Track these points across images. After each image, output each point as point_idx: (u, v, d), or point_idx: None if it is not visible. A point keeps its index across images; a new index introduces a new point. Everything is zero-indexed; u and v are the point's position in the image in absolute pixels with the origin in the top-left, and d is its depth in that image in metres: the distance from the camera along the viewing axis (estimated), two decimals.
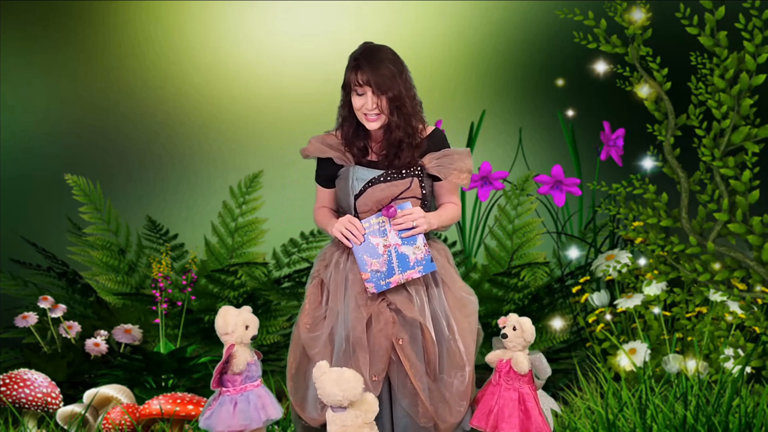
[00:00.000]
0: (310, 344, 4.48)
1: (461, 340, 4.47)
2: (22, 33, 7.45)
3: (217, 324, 4.37)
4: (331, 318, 4.48)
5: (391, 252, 4.40)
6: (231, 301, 6.62)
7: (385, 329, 4.43)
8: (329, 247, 4.61)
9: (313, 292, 4.57)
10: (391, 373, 4.45)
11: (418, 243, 4.41)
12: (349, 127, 4.53)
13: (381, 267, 4.41)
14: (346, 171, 4.53)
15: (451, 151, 4.54)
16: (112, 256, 6.81)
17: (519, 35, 7.53)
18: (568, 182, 6.33)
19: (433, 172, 4.51)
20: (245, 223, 6.92)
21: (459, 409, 4.46)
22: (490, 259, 6.77)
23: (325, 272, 4.56)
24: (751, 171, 5.75)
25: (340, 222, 4.46)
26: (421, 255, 4.41)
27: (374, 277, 4.40)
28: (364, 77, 4.42)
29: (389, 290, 4.44)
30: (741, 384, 5.11)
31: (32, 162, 7.42)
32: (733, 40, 5.76)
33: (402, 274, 4.40)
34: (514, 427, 4.42)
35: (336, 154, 4.53)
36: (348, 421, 4.23)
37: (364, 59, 4.43)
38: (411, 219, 4.41)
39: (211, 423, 4.35)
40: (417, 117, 4.50)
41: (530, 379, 4.50)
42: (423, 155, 4.51)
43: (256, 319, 4.39)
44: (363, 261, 4.41)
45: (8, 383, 5.27)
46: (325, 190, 4.63)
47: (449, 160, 4.52)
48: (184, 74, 7.55)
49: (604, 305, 6.06)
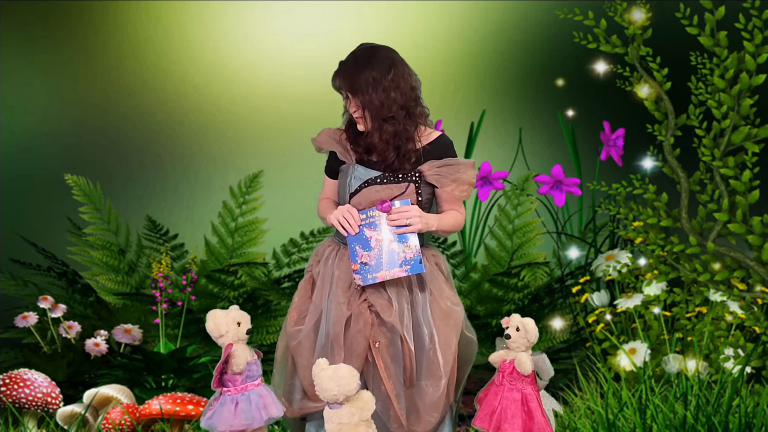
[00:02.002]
0: (292, 337, 4.51)
1: (440, 351, 4.44)
2: (22, 33, 7.45)
3: (209, 329, 4.37)
4: (314, 313, 4.50)
5: (382, 247, 4.41)
6: (231, 301, 6.62)
7: (363, 330, 4.43)
8: (324, 243, 4.63)
9: (303, 286, 4.59)
10: (367, 375, 4.45)
11: (409, 242, 4.40)
12: (351, 126, 4.55)
13: (371, 260, 4.41)
14: (346, 168, 4.54)
15: (454, 161, 4.49)
16: (112, 256, 6.82)
17: (519, 35, 7.53)
18: (568, 182, 6.33)
19: (431, 180, 4.48)
20: (245, 223, 6.93)
21: (429, 419, 4.43)
22: (490, 259, 6.77)
23: (317, 267, 4.58)
24: (751, 171, 5.75)
25: (339, 210, 4.46)
26: (410, 255, 4.40)
27: (362, 270, 4.41)
28: (336, 83, 4.45)
29: (371, 292, 4.44)
30: (741, 384, 5.11)
31: (32, 162, 7.42)
32: (733, 40, 5.76)
33: (388, 271, 4.40)
34: (517, 428, 4.42)
35: (339, 149, 4.55)
36: (344, 418, 4.24)
37: (345, 64, 4.45)
38: (406, 216, 4.40)
39: (212, 423, 4.35)
40: (402, 120, 4.44)
41: (533, 379, 4.49)
42: (423, 160, 4.49)
43: (246, 315, 4.39)
44: (355, 252, 4.42)
45: (8, 383, 5.26)
46: (330, 181, 4.64)
47: (450, 170, 4.48)
48: (184, 74, 7.55)
49: (604, 305, 6.06)
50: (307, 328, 4.49)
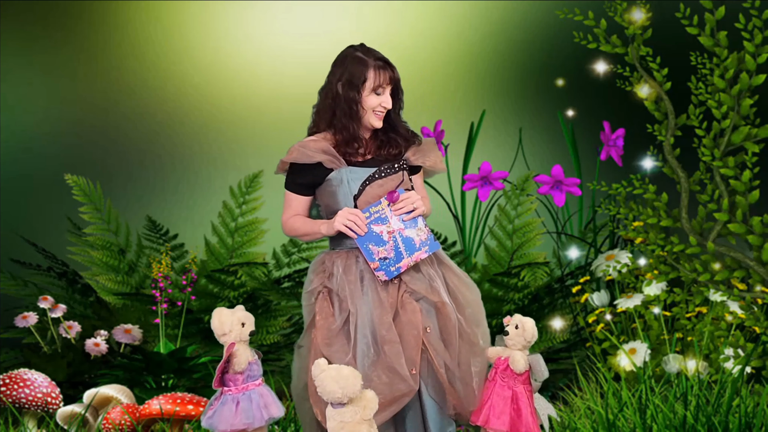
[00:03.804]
0: (333, 358, 4.39)
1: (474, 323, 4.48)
2: (22, 33, 7.45)
3: (214, 326, 4.38)
4: (348, 325, 4.43)
5: (396, 237, 4.42)
6: (231, 301, 6.62)
7: (413, 319, 4.41)
8: (324, 257, 4.53)
9: (323, 306, 4.46)
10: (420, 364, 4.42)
11: (419, 225, 4.44)
12: (350, 125, 4.51)
13: (389, 254, 4.41)
14: (337, 174, 4.48)
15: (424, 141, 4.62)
16: (112, 256, 6.82)
17: (519, 35, 7.53)
18: (568, 182, 6.33)
19: (418, 162, 4.55)
20: (245, 223, 6.93)
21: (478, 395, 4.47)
22: (490, 259, 6.77)
23: (331, 281, 4.48)
24: (751, 171, 5.75)
25: (341, 215, 4.42)
26: (424, 236, 4.44)
27: (383, 265, 4.41)
28: (395, 76, 4.48)
29: (409, 280, 4.43)
30: (741, 384, 5.11)
31: (32, 162, 7.42)
32: (733, 40, 5.76)
33: (410, 257, 4.42)
34: (504, 424, 4.45)
35: (326, 157, 4.48)
36: (347, 417, 4.24)
37: (386, 60, 4.49)
38: (410, 202, 4.43)
39: (213, 422, 4.35)
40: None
41: (526, 379, 4.51)
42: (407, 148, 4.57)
43: (251, 316, 4.39)
44: (369, 251, 4.41)
45: (8, 383, 5.27)
46: (302, 198, 4.55)
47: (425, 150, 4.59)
48: (184, 74, 7.55)
49: (604, 305, 6.06)
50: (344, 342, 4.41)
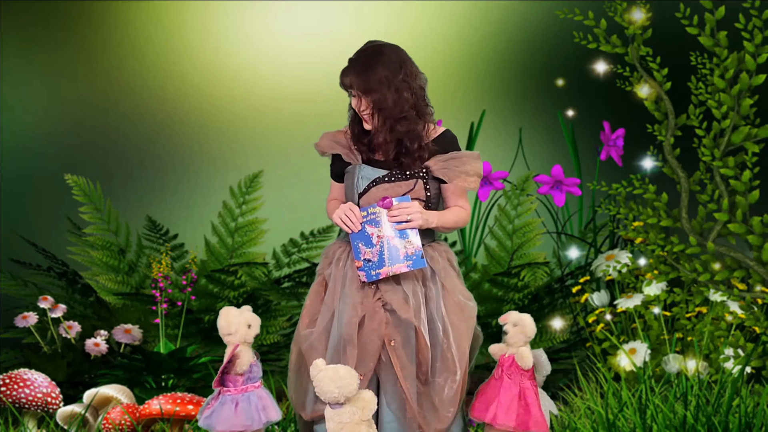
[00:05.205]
0: (304, 339, 4.49)
1: (455, 346, 4.44)
2: (22, 33, 7.45)
3: (220, 325, 4.38)
4: (325, 315, 4.49)
5: (383, 243, 4.42)
6: (231, 301, 6.63)
7: (378, 329, 4.42)
8: (333, 245, 4.61)
9: (315, 290, 4.56)
10: (381, 375, 4.44)
11: (410, 238, 4.41)
12: (355, 125, 4.54)
13: (373, 257, 4.42)
14: (352, 169, 4.53)
15: (459, 154, 4.50)
16: (112, 256, 6.82)
17: (519, 35, 7.53)
18: (568, 182, 6.33)
19: (439, 174, 4.48)
20: (245, 223, 6.93)
21: (447, 415, 4.42)
22: (490, 259, 6.77)
23: (328, 269, 4.55)
24: (751, 171, 5.75)
25: (341, 208, 4.46)
26: (412, 250, 4.41)
27: (366, 266, 4.42)
28: (346, 80, 4.43)
29: (386, 290, 4.44)
30: (741, 384, 5.11)
31: (32, 162, 7.42)
32: (733, 40, 5.76)
33: (391, 267, 4.41)
34: (512, 420, 4.45)
35: (344, 151, 4.54)
36: (345, 417, 4.24)
37: (354, 62, 4.44)
38: (406, 212, 4.41)
39: (211, 422, 4.35)
40: (413, 120, 4.45)
41: (532, 374, 4.52)
42: (429, 157, 4.49)
43: (257, 318, 4.40)
44: (358, 249, 4.43)
45: (8, 383, 5.27)
46: (336, 184, 4.63)
47: (456, 163, 4.48)
48: (184, 74, 7.55)
49: (604, 305, 6.06)
50: (319, 329, 4.47)
